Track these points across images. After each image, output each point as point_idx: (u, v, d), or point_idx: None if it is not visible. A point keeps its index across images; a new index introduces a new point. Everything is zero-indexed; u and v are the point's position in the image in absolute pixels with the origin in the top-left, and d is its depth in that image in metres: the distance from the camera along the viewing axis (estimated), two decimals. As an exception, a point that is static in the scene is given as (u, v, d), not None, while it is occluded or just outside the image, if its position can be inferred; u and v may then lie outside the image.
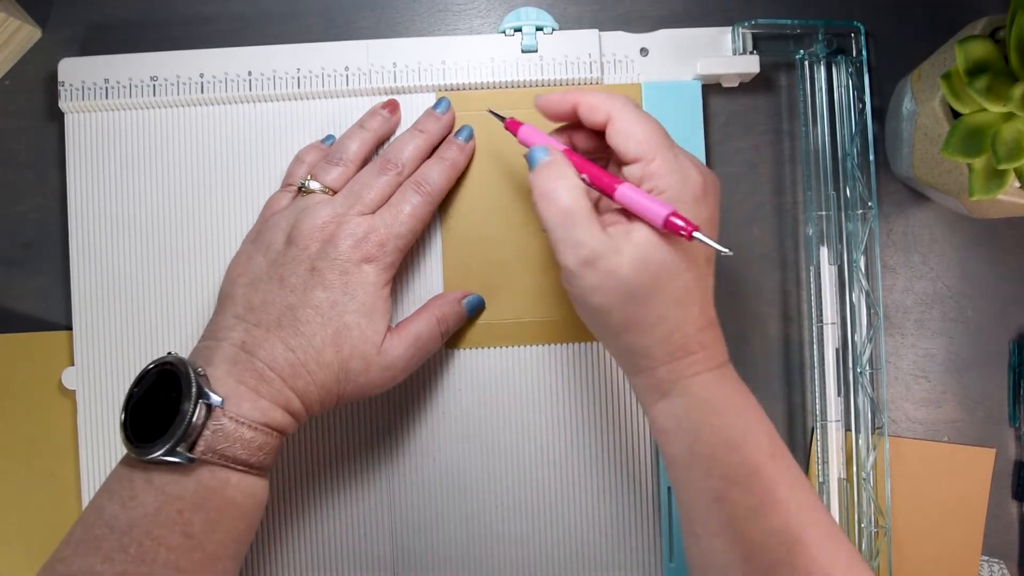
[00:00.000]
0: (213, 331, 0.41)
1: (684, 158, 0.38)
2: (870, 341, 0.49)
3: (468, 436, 0.48)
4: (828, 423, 0.49)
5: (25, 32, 0.50)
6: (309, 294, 0.40)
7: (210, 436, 0.36)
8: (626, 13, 0.52)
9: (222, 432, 0.36)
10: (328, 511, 0.48)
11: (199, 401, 0.36)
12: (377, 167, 0.44)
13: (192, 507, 0.36)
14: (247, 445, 0.37)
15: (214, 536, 0.37)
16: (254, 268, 0.42)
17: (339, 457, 0.48)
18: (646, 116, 0.39)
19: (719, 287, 0.50)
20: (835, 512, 0.48)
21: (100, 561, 0.34)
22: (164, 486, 0.36)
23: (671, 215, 0.35)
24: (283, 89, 0.49)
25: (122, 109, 0.49)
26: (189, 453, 0.36)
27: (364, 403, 0.48)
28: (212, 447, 0.36)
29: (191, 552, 0.36)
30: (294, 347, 0.39)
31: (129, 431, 0.37)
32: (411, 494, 0.48)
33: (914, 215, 0.52)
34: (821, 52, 0.50)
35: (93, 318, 0.48)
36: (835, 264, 0.50)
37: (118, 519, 0.35)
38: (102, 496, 0.37)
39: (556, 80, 0.49)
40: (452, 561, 0.48)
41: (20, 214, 0.51)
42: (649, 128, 0.38)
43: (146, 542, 0.35)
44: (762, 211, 0.51)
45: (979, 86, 0.39)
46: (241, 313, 0.40)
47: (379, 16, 0.52)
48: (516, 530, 0.48)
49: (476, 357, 0.48)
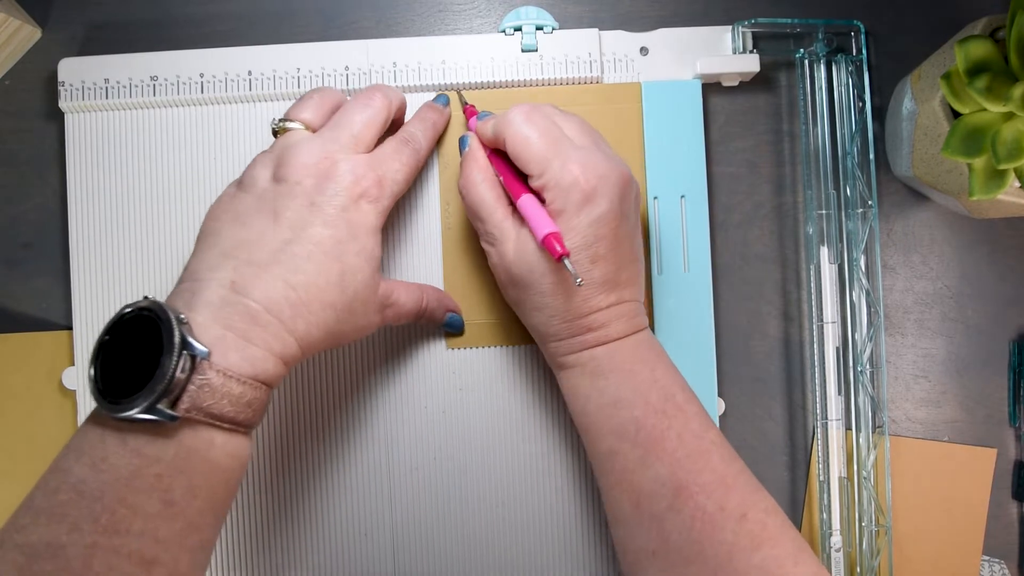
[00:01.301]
0: (194, 271, 0.36)
1: (574, 164, 0.39)
2: (870, 340, 0.49)
3: (469, 435, 0.48)
4: (829, 422, 0.49)
5: (25, 32, 0.50)
6: (309, 230, 0.37)
7: (195, 392, 0.32)
8: (626, 12, 0.52)
9: (208, 387, 0.33)
10: (329, 507, 0.48)
11: (183, 352, 0.32)
12: (360, 100, 0.43)
13: (172, 471, 0.32)
14: (235, 401, 0.34)
15: (195, 503, 0.33)
16: (239, 205, 0.39)
17: (338, 452, 0.48)
18: (533, 129, 0.40)
19: (719, 287, 0.50)
20: (836, 511, 0.48)
21: (66, 531, 0.30)
22: (140, 447, 0.32)
23: (546, 237, 0.38)
24: (283, 89, 0.49)
25: (122, 109, 0.49)
26: (171, 411, 0.32)
27: (363, 399, 0.48)
28: (197, 404, 0.32)
29: (171, 521, 0.32)
30: (295, 285, 0.36)
31: (100, 385, 0.33)
32: (411, 492, 0.48)
33: (914, 215, 0.52)
34: (821, 51, 0.50)
35: (93, 318, 0.48)
36: (835, 263, 0.50)
37: (87, 484, 0.31)
38: (67, 457, 0.33)
39: (556, 79, 0.49)
40: (453, 559, 0.48)
41: (20, 214, 0.51)
42: (534, 144, 0.40)
43: (120, 510, 0.31)
44: (762, 211, 0.51)
45: (979, 86, 0.39)
46: (228, 250, 0.37)
47: (379, 16, 0.52)
48: (518, 527, 0.48)
49: (476, 356, 0.48)
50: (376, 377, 0.48)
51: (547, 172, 0.39)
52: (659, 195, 0.49)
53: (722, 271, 0.51)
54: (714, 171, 0.51)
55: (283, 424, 0.48)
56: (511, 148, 0.41)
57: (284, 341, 0.36)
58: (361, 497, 0.48)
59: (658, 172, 0.49)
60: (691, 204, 0.49)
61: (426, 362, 0.48)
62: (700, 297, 0.49)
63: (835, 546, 0.48)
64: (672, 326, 0.48)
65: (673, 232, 0.49)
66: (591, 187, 0.39)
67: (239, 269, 0.36)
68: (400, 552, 0.48)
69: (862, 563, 0.48)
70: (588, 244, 0.39)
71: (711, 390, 0.48)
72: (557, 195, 0.39)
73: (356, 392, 0.48)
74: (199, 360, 0.33)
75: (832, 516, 0.48)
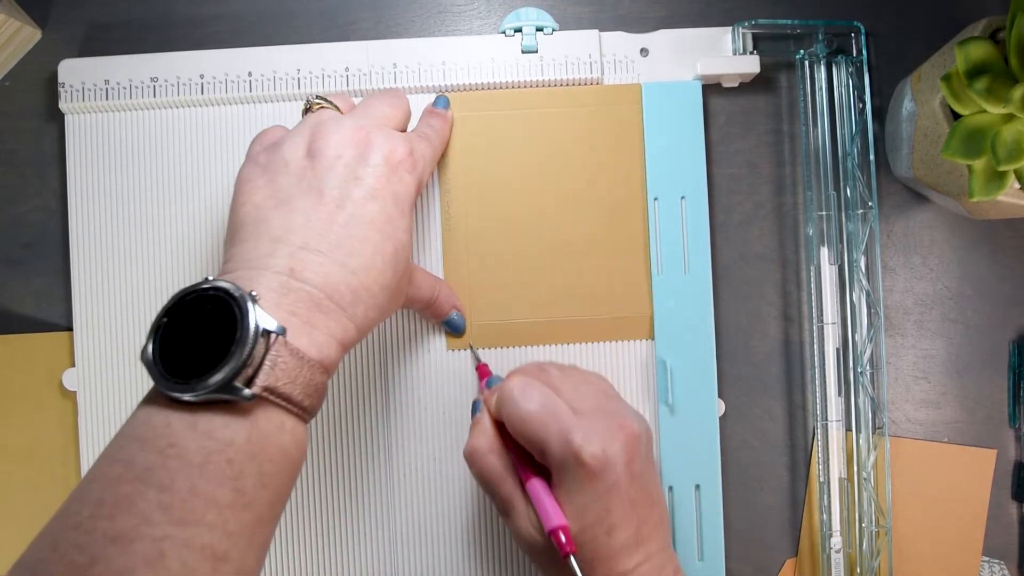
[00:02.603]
0: (247, 259, 0.35)
1: (574, 439, 0.37)
2: (870, 340, 0.49)
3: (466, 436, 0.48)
4: (829, 423, 0.49)
5: (25, 33, 0.50)
6: (360, 208, 0.36)
7: (269, 369, 0.31)
8: (626, 13, 0.52)
9: (284, 366, 0.31)
10: (327, 514, 0.48)
11: (258, 327, 0.30)
12: (384, 94, 0.43)
13: (245, 456, 0.30)
14: (305, 384, 0.32)
15: (264, 493, 0.31)
16: (280, 188, 0.37)
17: (338, 457, 0.48)
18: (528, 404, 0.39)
19: (720, 288, 0.50)
20: (836, 512, 0.48)
21: (136, 523, 0.28)
22: (213, 431, 0.30)
23: (554, 530, 0.37)
24: (283, 90, 0.49)
25: (122, 110, 0.49)
26: (248, 388, 0.30)
27: (363, 399, 0.48)
28: (271, 383, 0.31)
29: (242, 512, 0.30)
30: (355, 269, 0.35)
31: (161, 367, 0.31)
32: (411, 492, 0.48)
33: (914, 216, 0.52)
34: (821, 52, 0.50)
35: (93, 318, 0.48)
36: (835, 264, 0.50)
37: (154, 472, 0.29)
38: (128, 445, 0.30)
39: (556, 80, 0.49)
40: (453, 560, 0.48)
41: (20, 215, 0.51)
42: (530, 424, 0.38)
43: (192, 500, 0.29)
44: (762, 211, 0.51)
45: (979, 87, 0.39)
46: (280, 235, 0.35)
47: (379, 17, 0.52)
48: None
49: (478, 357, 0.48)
50: (376, 378, 0.48)
51: (547, 451, 0.38)
52: (659, 196, 0.49)
53: (722, 272, 0.51)
54: (714, 172, 0.51)
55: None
56: (511, 429, 0.39)
57: (345, 327, 0.35)
58: (361, 497, 0.48)
59: (658, 173, 0.49)
60: (691, 205, 0.49)
61: (426, 363, 0.48)
62: (700, 298, 0.49)
63: (835, 547, 0.48)
64: (672, 327, 0.48)
65: (673, 233, 0.49)
66: (595, 462, 0.37)
67: (295, 255, 0.34)
68: (399, 554, 0.48)
69: (862, 564, 0.48)
70: (600, 519, 0.37)
71: (711, 391, 0.48)
72: (562, 474, 0.37)
73: (357, 392, 0.48)
74: (274, 337, 0.31)
75: (832, 517, 0.48)
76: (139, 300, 0.48)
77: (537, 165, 0.49)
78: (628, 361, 0.49)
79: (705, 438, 0.48)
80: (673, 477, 0.48)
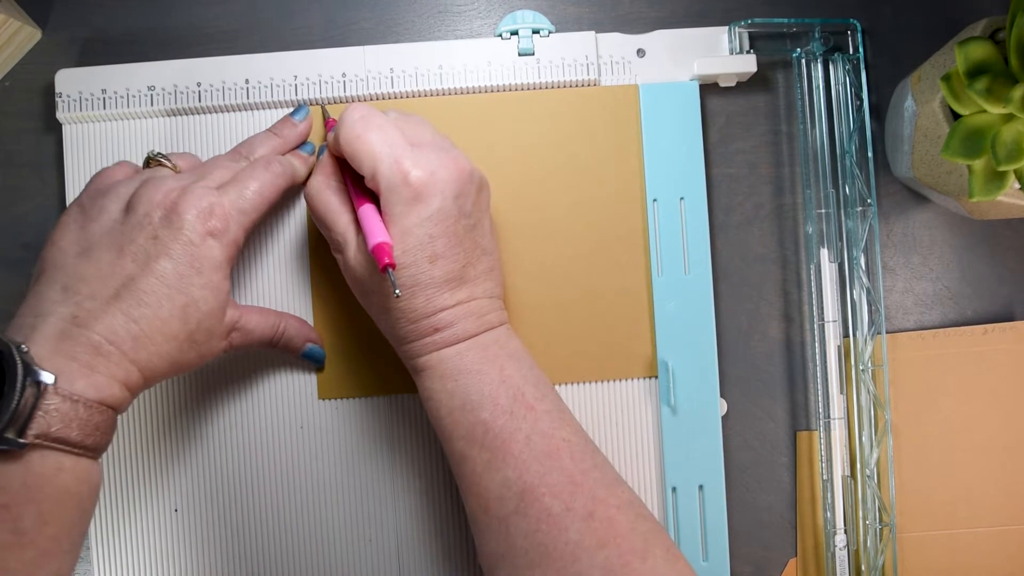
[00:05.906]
0: (35, 306, 0.37)
1: (404, 162, 0.39)
2: (871, 338, 0.49)
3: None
4: (831, 420, 0.49)
5: (25, 33, 0.50)
6: (152, 264, 0.38)
7: (42, 418, 0.33)
8: (623, 15, 0.52)
9: (57, 413, 0.33)
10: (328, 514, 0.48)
11: (27, 380, 0.32)
12: (228, 156, 0.45)
13: (21, 500, 0.32)
14: (83, 425, 0.34)
15: (46, 530, 0.33)
16: (87, 236, 0.39)
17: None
18: (365, 127, 0.40)
19: (720, 288, 0.50)
20: (840, 509, 0.49)
21: None
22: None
23: (377, 246, 0.38)
24: (281, 96, 0.48)
25: (120, 119, 0.49)
26: (19, 438, 0.32)
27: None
28: (45, 430, 0.33)
29: (21, 550, 0.32)
30: (137, 318, 0.37)
31: None
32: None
33: (914, 216, 0.52)
34: (818, 50, 0.50)
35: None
36: (835, 262, 0.50)
37: None
38: None
39: (553, 83, 0.49)
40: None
41: (20, 215, 0.51)
42: (364, 143, 0.40)
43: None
44: (762, 211, 0.51)
45: (979, 87, 0.39)
46: (70, 284, 0.37)
47: (378, 18, 0.52)
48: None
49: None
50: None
51: (377, 171, 0.39)
52: (658, 197, 0.49)
53: (722, 272, 0.51)
54: (713, 172, 0.51)
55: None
56: (344, 147, 0.41)
57: (127, 369, 0.36)
58: (362, 503, 0.48)
59: (657, 174, 0.49)
60: (690, 206, 0.49)
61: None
62: (701, 299, 0.49)
63: (839, 544, 0.48)
64: (673, 328, 0.48)
65: (673, 234, 0.49)
66: (421, 185, 0.39)
67: (81, 304, 0.36)
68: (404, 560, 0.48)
69: (867, 561, 0.48)
70: (423, 244, 0.39)
71: (713, 391, 0.48)
72: (388, 196, 0.39)
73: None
74: (45, 387, 0.33)
75: (836, 515, 0.49)
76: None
77: (535, 169, 0.49)
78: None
79: (708, 438, 0.48)
80: (677, 478, 0.48)
